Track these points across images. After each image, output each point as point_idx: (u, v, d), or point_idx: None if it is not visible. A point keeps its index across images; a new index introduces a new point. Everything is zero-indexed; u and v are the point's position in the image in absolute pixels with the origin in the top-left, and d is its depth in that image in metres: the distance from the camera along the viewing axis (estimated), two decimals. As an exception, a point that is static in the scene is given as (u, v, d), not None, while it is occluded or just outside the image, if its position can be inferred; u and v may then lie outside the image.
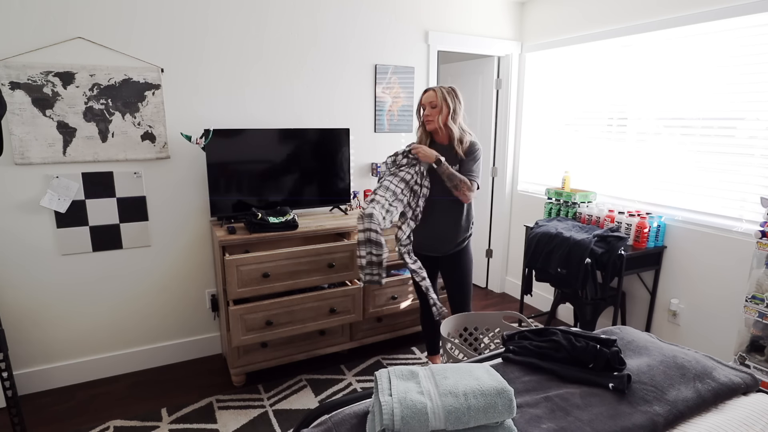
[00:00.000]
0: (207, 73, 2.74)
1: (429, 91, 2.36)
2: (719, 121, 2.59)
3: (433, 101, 2.33)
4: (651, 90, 2.90)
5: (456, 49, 3.58)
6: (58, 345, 2.64)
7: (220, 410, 2.45)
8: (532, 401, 1.46)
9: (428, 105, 2.35)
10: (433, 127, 2.36)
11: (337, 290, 2.72)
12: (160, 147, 2.67)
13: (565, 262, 2.75)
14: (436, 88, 2.34)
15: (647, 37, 2.87)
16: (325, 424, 1.36)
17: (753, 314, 2.25)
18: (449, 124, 2.33)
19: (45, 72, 2.35)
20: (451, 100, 2.32)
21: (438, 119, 2.32)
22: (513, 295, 4.06)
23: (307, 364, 2.90)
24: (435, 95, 2.33)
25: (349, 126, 3.18)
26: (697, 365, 1.61)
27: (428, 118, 2.35)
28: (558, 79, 3.56)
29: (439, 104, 2.31)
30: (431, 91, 2.35)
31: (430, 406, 1.22)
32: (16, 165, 2.38)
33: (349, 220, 2.93)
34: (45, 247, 2.52)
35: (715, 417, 1.44)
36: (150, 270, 2.79)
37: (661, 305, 2.93)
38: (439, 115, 2.32)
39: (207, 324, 3.02)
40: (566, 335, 1.69)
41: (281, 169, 2.89)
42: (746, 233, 2.48)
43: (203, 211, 2.85)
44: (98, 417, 2.41)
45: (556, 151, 3.63)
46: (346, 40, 3.11)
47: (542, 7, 3.59)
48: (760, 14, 2.33)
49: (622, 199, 3.14)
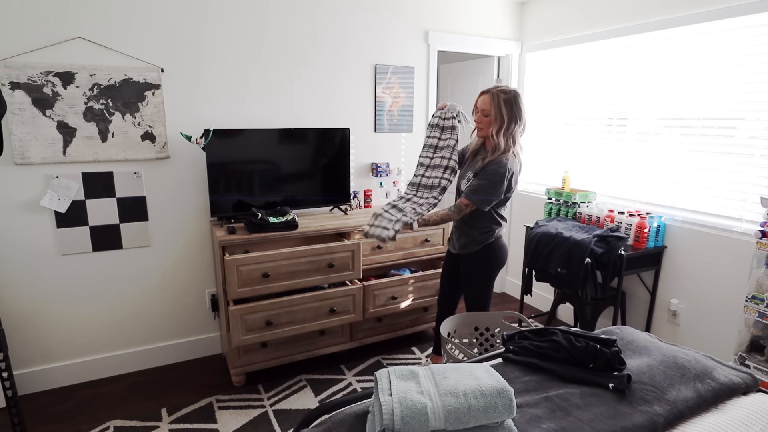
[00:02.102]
0: (207, 73, 2.74)
1: (485, 96, 2.13)
2: (719, 121, 2.59)
3: (486, 109, 2.12)
4: (651, 90, 2.90)
5: (456, 49, 3.58)
6: (58, 345, 2.64)
7: (220, 410, 2.45)
8: (532, 401, 1.46)
9: (481, 111, 2.15)
10: (484, 135, 2.19)
11: (337, 290, 2.72)
12: (160, 147, 2.67)
13: (565, 262, 2.75)
14: (493, 92, 2.10)
15: (647, 37, 2.87)
16: (325, 424, 1.36)
17: (753, 314, 2.25)
18: (499, 138, 2.11)
19: (45, 72, 2.35)
20: (507, 111, 2.09)
21: (492, 131, 2.12)
22: (513, 295, 4.06)
23: (307, 364, 2.90)
24: (489, 102, 2.10)
25: (349, 126, 3.18)
26: (697, 365, 1.61)
27: (479, 125, 2.19)
28: (558, 79, 3.56)
29: (492, 114, 2.11)
30: (487, 96, 2.12)
31: (430, 406, 1.22)
32: (16, 165, 2.38)
33: (349, 220, 2.93)
34: (45, 247, 2.52)
35: (715, 417, 1.44)
36: (150, 270, 2.79)
37: (661, 305, 2.93)
38: (492, 127, 2.12)
39: (207, 324, 3.02)
40: (566, 335, 1.69)
41: (281, 169, 2.89)
42: (746, 233, 2.47)
43: (203, 211, 2.85)
44: (98, 417, 2.41)
45: (556, 151, 3.63)
46: (346, 39, 3.11)
47: (542, 7, 3.59)
48: (759, 14, 2.33)
49: (622, 199, 3.14)
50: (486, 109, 2.13)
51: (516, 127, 2.15)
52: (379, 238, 2.07)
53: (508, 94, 2.11)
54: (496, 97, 2.10)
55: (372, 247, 2.93)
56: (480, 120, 2.17)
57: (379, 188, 3.39)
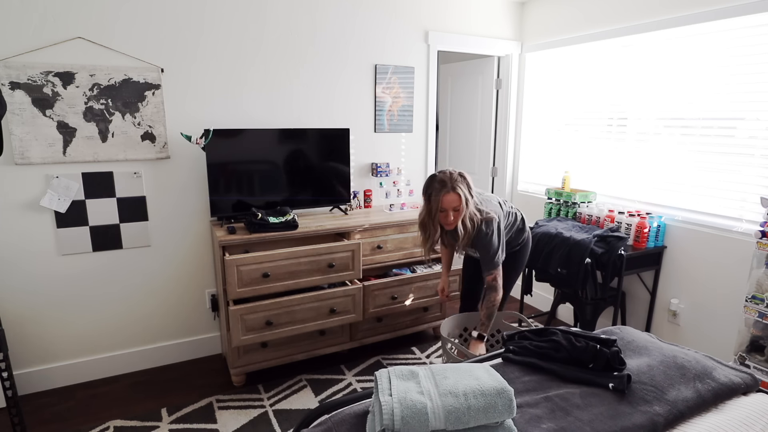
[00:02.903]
0: (207, 73, 2.74)
1: (451, 195, 2.09)
2: (719, 121, 2.58)
3: (457, 205, 2.11)
4: (651, 90, 2.90)
5: (456, 49, 3.58)
6: (58, 345, 2.64)
7: (220, 410, 2.45)
8: (532, 401, 1.46)
9: (451, 210, 2.12)
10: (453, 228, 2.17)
11: (337, 290, 2.71)
12: (160, 147, 2.67)
13: (565, 262, 2.75)
14: (458, 189, 2.09)
15: (647, 37, 2.87)
16: (325, 424, 1.36)
17: (753, 314, 2.25)
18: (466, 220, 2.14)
19: (45, 72, 2.35)
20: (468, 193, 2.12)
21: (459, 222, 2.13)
22: (513, 295, 4.05)
23: (307, 364, 2.90)
24: (459, 199, 2.09)
25: (349, 126, 3.18)
26: (697, 365, 1.61)
27: (452, 223, 2.15)
28: (558, 79, 3.56)
29: (462, 206, 2.11)
30: (454, 194, 2.09)
31: (430, 406, 1.22)
32: (16, 165, 2.38)
33: (349, 220, 2.93)
34: (45, 247, 2.52)
35: (715, 417, 1.44)
36: (150, 270, 2.79)
37: (661, 305, 2.93)
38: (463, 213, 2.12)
39: (207, 324, 3.02)
40: (566, 335, 1.69)
41: (281, 169, 2.89)
42: (746, 233, 2.47)
43: (203, 211, 2.85)
44: (98, 417, 2.41)
45: (556, 151, 3.63)
46: (346, 39, 3.11)
47: (542, 7, 3.59)
48: (760, 14, 2.33)
49: (622, 199, 3.14)
50: (457, 205, 2.12)
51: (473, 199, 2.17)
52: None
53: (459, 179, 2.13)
54: (461, 190, 2.10)
55: (372, 247, 2.93)
56: (454, 218, 2.14)
57: (379, 188, 3.39)
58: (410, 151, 3.51)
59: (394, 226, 2.97)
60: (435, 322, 3.23)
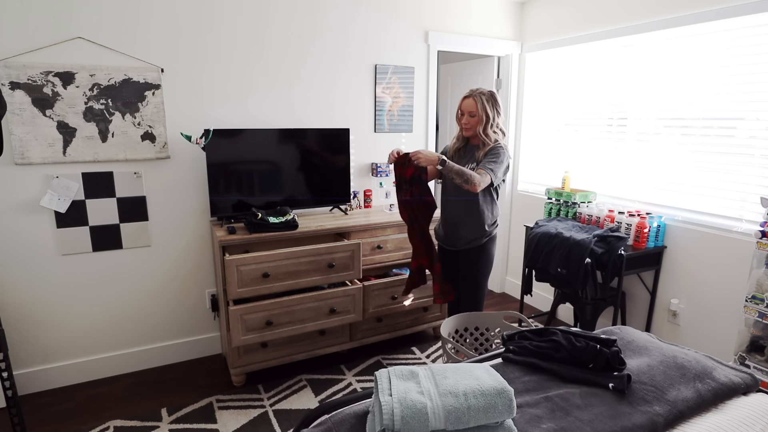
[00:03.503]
0: (207, 73, 2.74)
1: (468, 99, 2.36)
2: (719, 121, 2.58)
3: (473, 111, 2.34)
4: (651, 90, 2.90)
5: (456, 49, 3.58)
6: (58, 345, 2.64)
7: (220, 410, 2.45)
8: (532, 401, 1.46)
9: (467, 113, 2.37)
10: (471, 134, 2.40)
11: (337, 290, 2.71)
12: (160, 147, 2.67)
13: (565, 262, 2.75)
14: (476, 96, 2.33)
15: (647, 37, 2.87)
16: (325, 424, 1.36)
17: (753, 314, 2.25)
18: (488, 132, 2.35)
19: (45, 72, 2.35)
20: (490, 109, 2.33)
21: (479, 129, 2.35)
22: (513, 295, 4.06)
23: (307, 364, 2.90)
24: (475, 105, 2.33)
25: (349, 126, 3.18)
26: (697, 365, 1.61)
27: (467, 126, 2.38)
28: (558, 79, 3.56)
29: (478, 114, 2.33)
30: (471, 99, 2.34)
31: (430, 406, 1.22)
32: (16, 165, 2.38)
33: (349, 220, 2.93)
34: (45, 247, 2.52)
35: (715, 417, 1.44)
36: (150, 270, 2.79)
37: (661, 305, 2.93)
38: (479, 125, 2.35)
39: (207, 324, 3.02)
40: (566, 335, 1.69)
41: (281, 169, 2.89)
42: (746, 233, 2.48)
43: (203, 211, 2.85)
44: (98, 417, 2.41)
45: (556, 151, 3.63)
46: (346, 40, 3.11)
47: (542, 7, 3.59)
48: (759, 14, 2.33)
49: (622, 199, 3.14)
50: (472, 110, 2.35)
51: (500, 120, 2.39)
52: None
53: (487, 95, 2.35)
54: (479, 98, 2.33)
55: (372, 247, 2.93)
56: (467, 121, 2.38)
57: (379, 188, 3.39)
58: (410, 150, 3.50)
59: (394, 226, 2.97)
60: (435, 322, 3.23)
